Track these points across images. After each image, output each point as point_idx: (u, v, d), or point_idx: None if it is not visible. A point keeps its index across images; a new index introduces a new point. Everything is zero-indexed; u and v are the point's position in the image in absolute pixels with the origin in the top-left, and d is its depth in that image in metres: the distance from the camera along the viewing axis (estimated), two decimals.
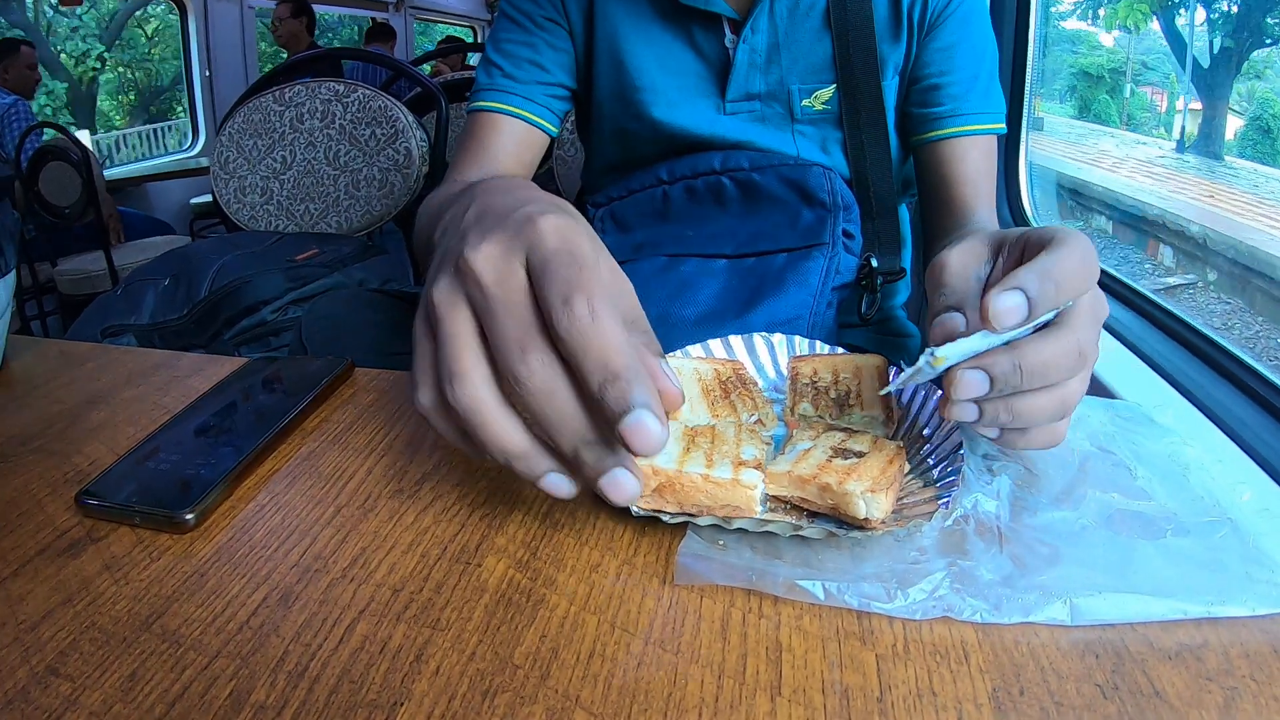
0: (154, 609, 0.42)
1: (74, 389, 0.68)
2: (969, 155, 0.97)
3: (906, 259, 1.10)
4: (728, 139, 0.99)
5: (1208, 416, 0.79)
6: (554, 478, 0.41)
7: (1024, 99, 1.63)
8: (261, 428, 0.58)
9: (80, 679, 0.38)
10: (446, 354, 0.41)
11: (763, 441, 0.50)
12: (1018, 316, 0.43)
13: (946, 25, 0.95)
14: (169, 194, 5.39)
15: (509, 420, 0.40)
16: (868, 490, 0.44)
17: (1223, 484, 0.51)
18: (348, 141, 1.65)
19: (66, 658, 0.39)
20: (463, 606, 0.42)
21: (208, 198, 4.24)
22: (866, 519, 0.44)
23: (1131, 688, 0.37)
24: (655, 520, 0.47)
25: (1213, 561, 0.44)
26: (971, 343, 0.45)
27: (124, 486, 0.51)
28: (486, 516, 0.49)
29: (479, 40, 8.71)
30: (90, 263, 3.59)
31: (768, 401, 0.57)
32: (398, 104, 1.64)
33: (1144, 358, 0.96)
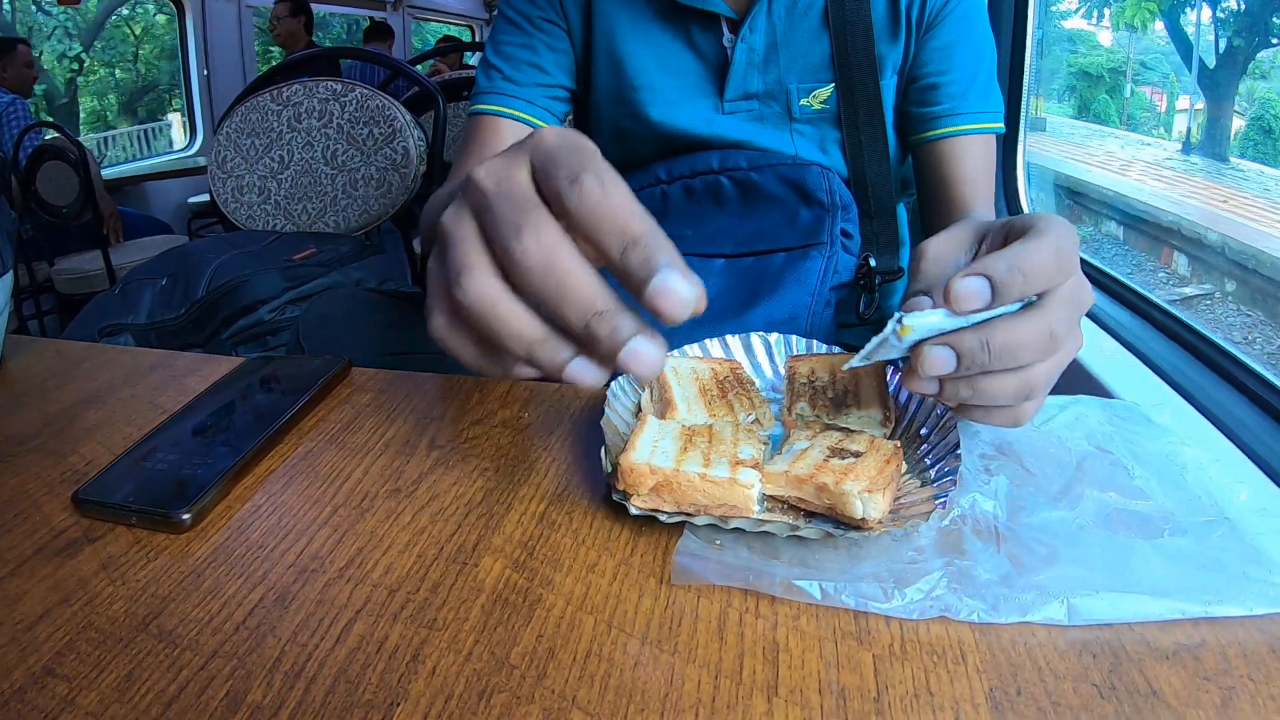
0: (150, 609, 0.42)
1: (71, 388, 0.68)
2: (967, 154, 0.97)
3: (905, 259, 1.10)
4: (726, 138, 0.98)
5: (1205, 416, 0.80)
6: (578, 365, 0.39)
7: (1022, 99, 1.63)
8: (258, 427, 0.58)
9: (77, 679, 0.38)
10: (450, 258, 0.40)
11: (760, 441, 0.50)
12: (978, 302, 0.43)
13: (945, 24, 0.95)
14: (167, 193, 5.39)
15: (520, 307, 0.39)
16: (865, 490, 0.44)
17: (1220, 484, 0.51)
18: (345, 141, 1.65)
19: (63, 658, 0.39)
20: (459, 606, 0.42)
21: (205, 197, 4.23)
22: (864, 519, 0.44)
23: (1129, 687, 0.37)
24: (652, 520, 0.47)
25: (1210, 561, 0.44)
26: (940, 318, 0.44)
27: (121, 486, 0.51)
28: (483, 516, 0.49)
29: (477, 39, 8.71)
30: (88, 262, 3.59)
31: (765, 401, 0.57)
32: (395, 103, 1.64)
33: (1141, 357, 0.96)
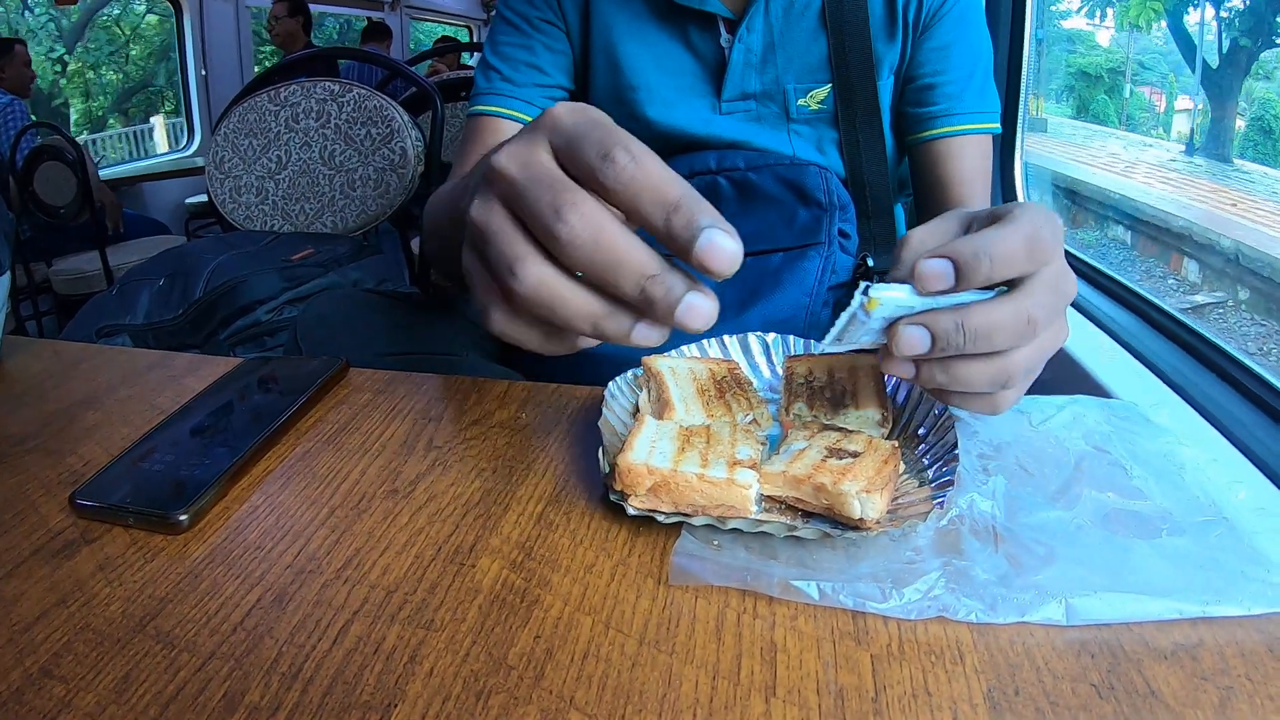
0: (148, 610, 0.42)
1: (69, 389, 0.68)
2: (964, 155, 0.97)
3: None
4: (723, 138, 0.98)
5: (1203, 416, 0.80)
6: (641, 330, 0.40)
7: (1020, 99, 1.63)
8: (256, 428, 0.57)
9: (74, 680, 0.38)
10: (496, 253, 0.40)
11: (758, 441, 0.50)
12: (941, 283, 0.42)
13: (942, 24, 0.95)
14: (164, 194, 5.38)
15: (576, 285, 0.40)
16: (863, 490, 0.44)
17: (1218, 483, 0.51)
18: (343, 141, 1.65)
19: (60, 659, 0.39)
20: (457, 607, 0.42)
21: (203, 197, 4.22)
22: (861, 519, 0.44)
23: (1127, 687, 0.37)
24: (650, 520, 0.47)
25: (1208, 561, 0.44)
26: (906, 294, 0.44)
27: (118, 487, 0.51)
28: (481, 517, 0.49)
29: (475, 40, 8.70)
30: (85, 263, 3.58)
31: (763, 401, 0.57)
32: (393, 104, 1.64)
33: (1139, 357, 0.96)
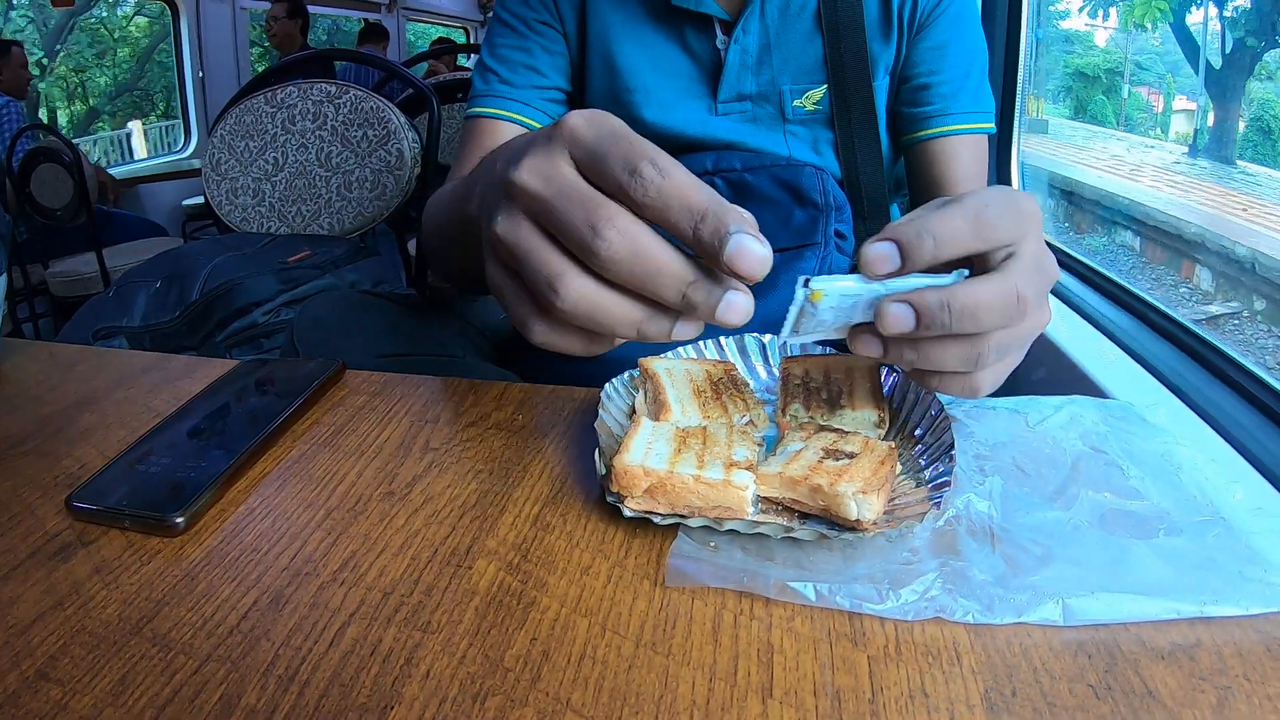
0: (144, 613, 0.42)
1: (65, 391, 0.68)
2: (959, 154, 0.97)
3: None
4: (720, 139, 0.98)
5: (1200, 416, 0.80)
6: (680, 328, 0.42)
7: (1015, 99, 1.63)
8: (252, 430, 0.57)
9: (70, 683, 0.38)
10: (532, 270, 0.41)
11: (754, 443, 0.50)
12: (886, 265, 0.42)
13: (937, 24, 0.95)
14: (161, 196, 5.37)
15: (618, 296, 0.41)
16: (859, 492, 0.44)
17: (1216, 483, 0.51)
18: (340, 143, 1.65)
19: (57, 662, 0.39)
20: (453, 609, 0.42)
21: (200, 199, 4.23)
22: (858, 520, 0.44)
23: (1125, 688, 0.37)
24: (646, 522, 0.47)
25: (1206, 561, 0.44)
26: (854, 283, 0.44)
27: (114, 490, 0.51)
28: (477, 519, 0.49)
29: (471, 41, 8.70)
30: (82, 264, 3.58)
31: (759, 403, 0.57)
32: (390, 105, 1.64)
33: (1136, 357, 0.96)
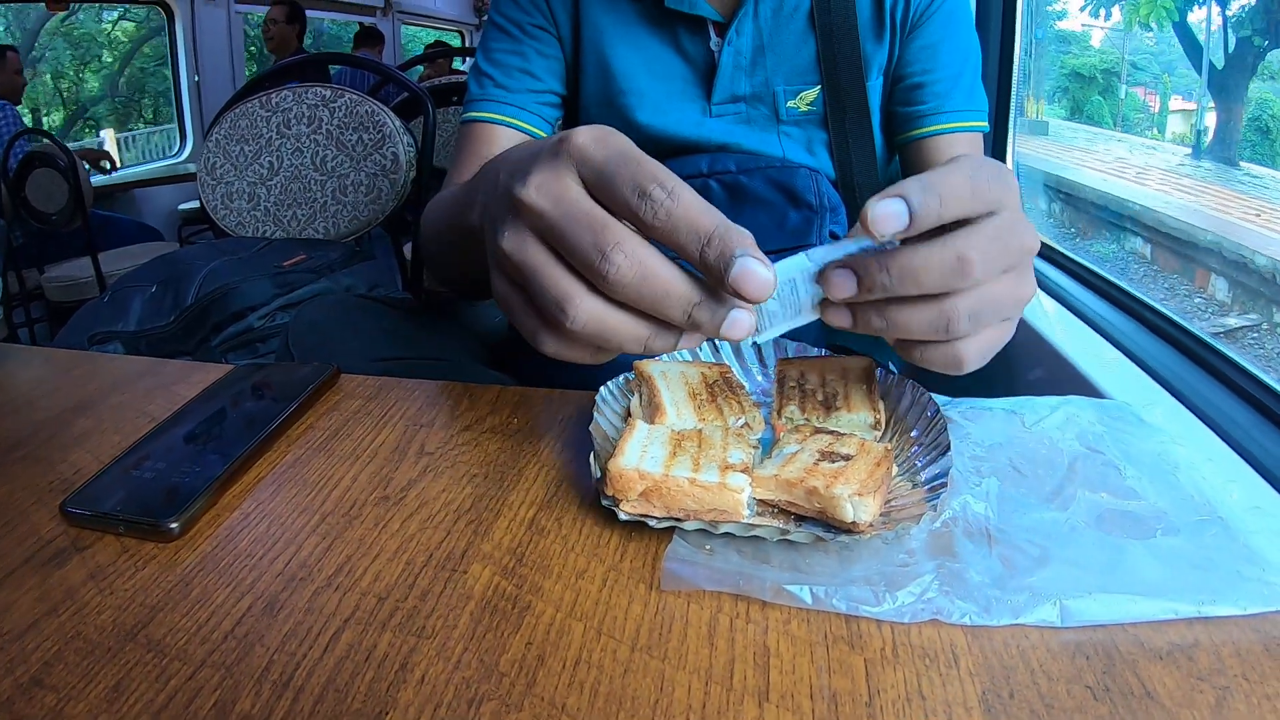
0: (139, 619, 0.42)
1: (60, 397, 0.67)
2: (953, 152, 0.97)
3: None
4: (714, 141, 0.98)
5: (1197, 415, 0.80)
6: (686, 339, 0.44)
7: (1010, 99, 1.63)
8: (247, 435, 0.57)
9: (65, 690, 0.38)
10: (541, 290, 0.43)
11: (750, 445, 0.50)
12: (894, 224, 0.41)
13: (929, 24, 0.96)
14: (157, 200, 5.37)
15: (627, 315, 0.43)
16: (855, 494, 0.44)
17: (1213, 483, 0.51)
18: (335, 147, 1.65)
19: (51, 668, 0.39)
20: (448, 614, 0.42)
21: (196, 204, 4.22)
22: (854, 522, 0.44)
23: (1123, 689, 0.37)
24: (641, 525, 0.47)
25: (1203, 560, 0.44)
26: (803, 259, 0.46)
27: (109, 495, 0.51)
28: (472, 523, 0.49)
29: (467, 44, 8.70)
30: (78, 269, 3.57)
31: (755, 405, 0.57)
32: (385, 109, 1.63)
33: (1132, 357, 0.96)
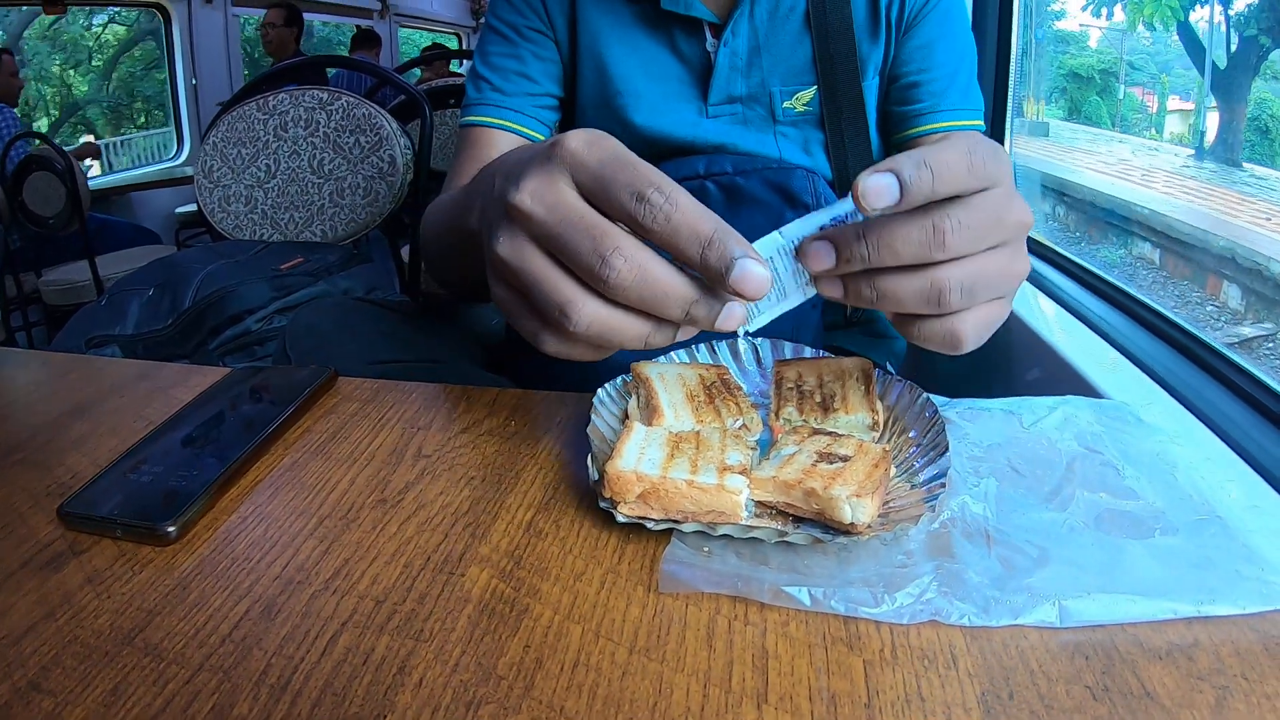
0: (136, 623, 0.42)
1: (56, 400, 0.67)
2: None
3: None
4: (710, 142, 0.98)
5: (1195, 414, 0.79)
6: (683, 331, 0.46)
7: (1007, 100, 1.63)
8: (244, 439, 0.57)
9: (62, 694, 0.38)
10: (542, 296, 0.44)
11: (748, 447, 0.50)
12: (885, 198, 0.41)
13: (925, 23, 0.96)
14: (154, 203, 5.35)
15: (627, 315, 0.44)
16: (853, 495, 0.44)
17: (1211, 482, 0.51)
18: (332, 149, 1.65)
19: (48, 673, 0.39)
20: (446, 617, 0.42)
21: (193, 207, 4.22)
22: (852, 524, 0.44)
23: (1122, 689, 0.37)
24: (639, 528, 0.47)
25: (1202, 560, 0.44)
26: (778, 236, 0.46)
27: (106, 499, 0.51)
28: (470, 526, 0.49)
29: (464, 47, 8.70)
30: (75, 273, 3.56)
31: (753, 406, 0.57)
32: (382, 111, 1.63)
33: (1130, 356, 0.96)
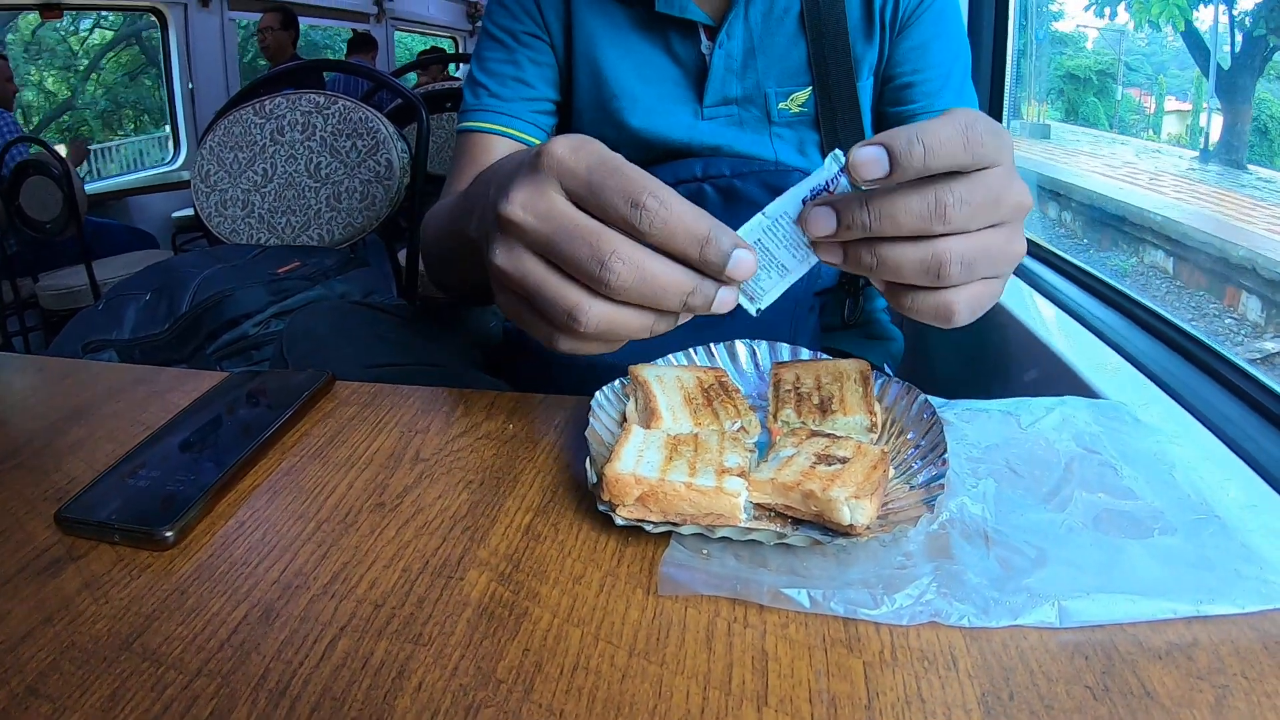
0: (134, 628, 0.42)
1: (53, 405, 0.67)
2: None
3: None
4: (706, 144, 0.99)
5: (1193, 414, 0.79)
6: (682, 317, 0.48)
7: (1004, 100, 1.63)
8: (242, 443, 0.57)
9: (60, 699, 0.37)
10: (547, 302, 0.46)
11: (746, 449, 0.50)
12: (875, 169, 0.42)
13: (919, 24, 0.96)
14: (151, 207, 5.34)
15: (631, 309, 0.46)
16: (852, 496, 0.44)
17: (1209, 481, 0.51)
18: (328, 153, 1.65)
19: (46, 678, 0.39)
20: (445, 621, 0.42)
21: (190, 211, 4.21)
22: (851, 525, 0.44)
23: (1122, 689, 0.37)
24: (638, 530, 0.47)
25: (1201, 559, 0.44)
26: (762, 218, 0.48)
27: (103, 504, 0.51)
28: (468, 530, 0.49)
29: (460, 50, 8.70)
30: (72, 277, 3.55)
31: (750, 409, 0.57)
32: (378, 115, 1.64)
33: (1128, 356, 0.96)
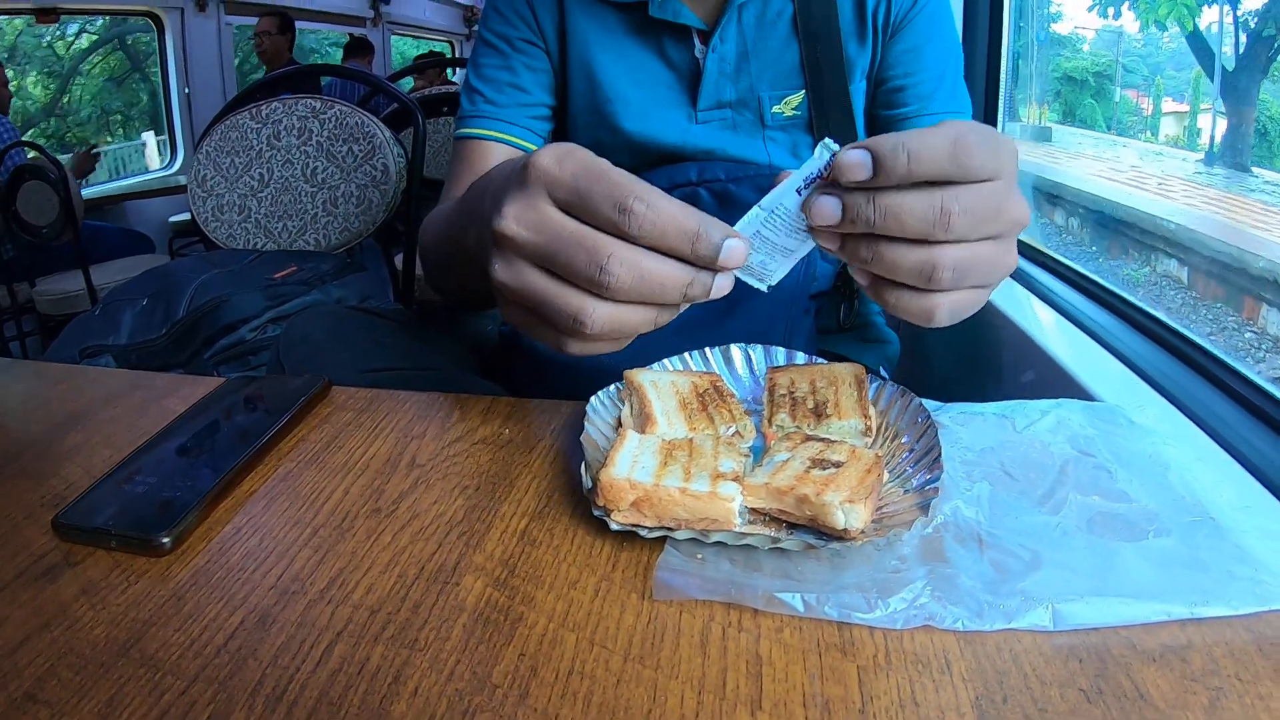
0: (131, 634, 0.42)
1: (50, 411, 0.67)
2: None
3: None
4: (700, 147, 0.99)
5: (1187, 416, 0.80)
6: (682, 307, 0.50)
7: (999, 102, 1.63)
8: (239, 448, 0.57)
9: (58, 705, 0.38)
10: (552, 310, 0.48)
11: (740, 454, 0.50)
12: (859, 172, 0.44)
13: (911, 27, 0.96)
14: (148, 212, 5.33)
15: (637, 309, 0.48)
16: (846, 501, 0.44)
17: (1204, 483, 0.51)
18: (325, 158, 1.65)
19: (44, 684, 0.39)
20: (441, 626, 0.42)
21: (187, 216, 4.20)
22: (845, 529, 0.44)
23: (1116, 691, 0.37)
24: (633, 535, 0.47)
25: (1195, 561, 0.44)
26: (757, 210, 0.51)
27: (100, 510, 0.51)
28: (464, 535, 0.49)
29: (456, 55, 8.70)
30: (69, 282, 3.55)
31: (745, 413, 0.57)
32: (375, 120, 1.64)
33: (1122, 359, 0.96)
